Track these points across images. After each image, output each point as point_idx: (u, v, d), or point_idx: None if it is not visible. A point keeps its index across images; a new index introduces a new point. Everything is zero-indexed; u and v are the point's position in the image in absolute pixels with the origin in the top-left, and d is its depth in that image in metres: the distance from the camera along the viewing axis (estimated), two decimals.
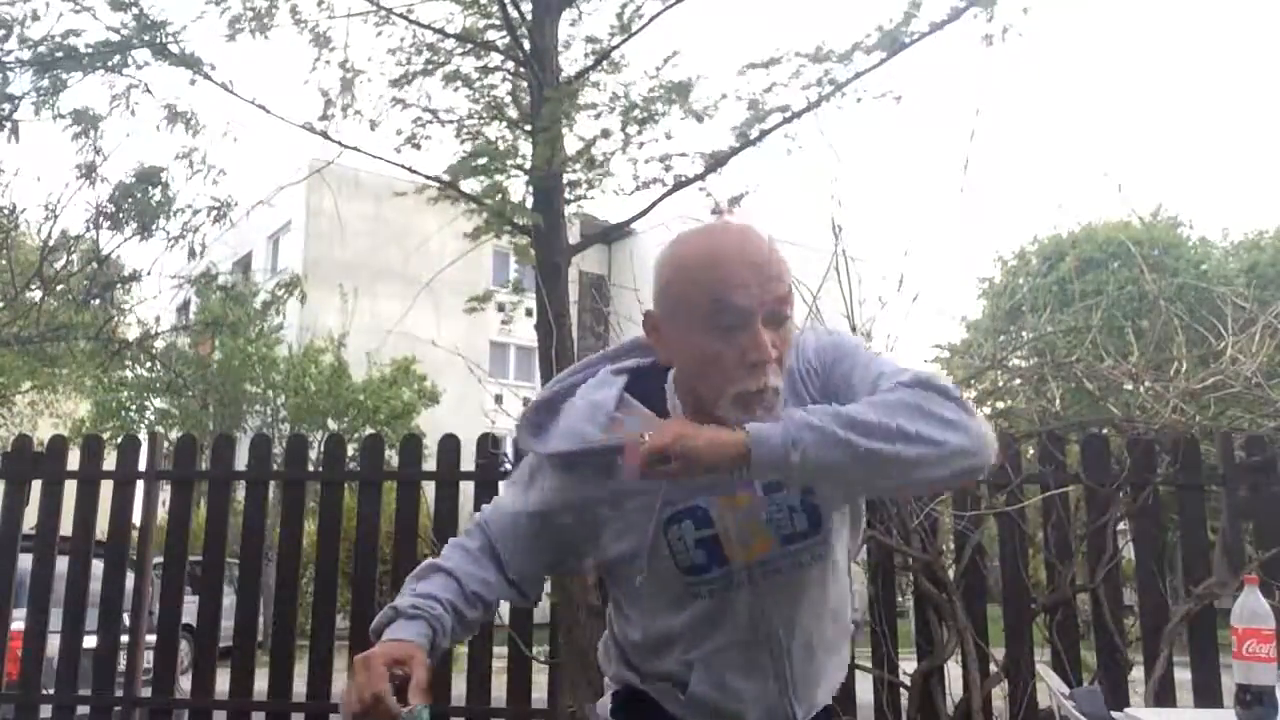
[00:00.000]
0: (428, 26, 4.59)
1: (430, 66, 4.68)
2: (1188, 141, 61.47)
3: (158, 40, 4.48)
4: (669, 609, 1.53)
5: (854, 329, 4.85)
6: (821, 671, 1.57)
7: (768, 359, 1.36)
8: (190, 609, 5.25)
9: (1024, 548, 4.51)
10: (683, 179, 4.38)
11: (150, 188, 6.75)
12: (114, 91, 4.83)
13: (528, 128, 4.51)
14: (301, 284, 9.88)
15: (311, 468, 5.48)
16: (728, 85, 4.37)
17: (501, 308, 4.62)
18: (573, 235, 4.65)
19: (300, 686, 4.93)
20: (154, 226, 6.98)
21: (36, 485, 5.35)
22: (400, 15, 4.57)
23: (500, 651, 4.81)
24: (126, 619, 5.14)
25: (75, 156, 6.29)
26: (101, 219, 6.95)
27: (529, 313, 4.42)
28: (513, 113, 4.69)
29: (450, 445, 5.07)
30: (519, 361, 27.63)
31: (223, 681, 5.00)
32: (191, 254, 7.31)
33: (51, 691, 5.04)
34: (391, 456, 5.57)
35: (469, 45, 4.62)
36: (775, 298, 1.37)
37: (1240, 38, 61.94)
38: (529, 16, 4.37)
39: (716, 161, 4.30)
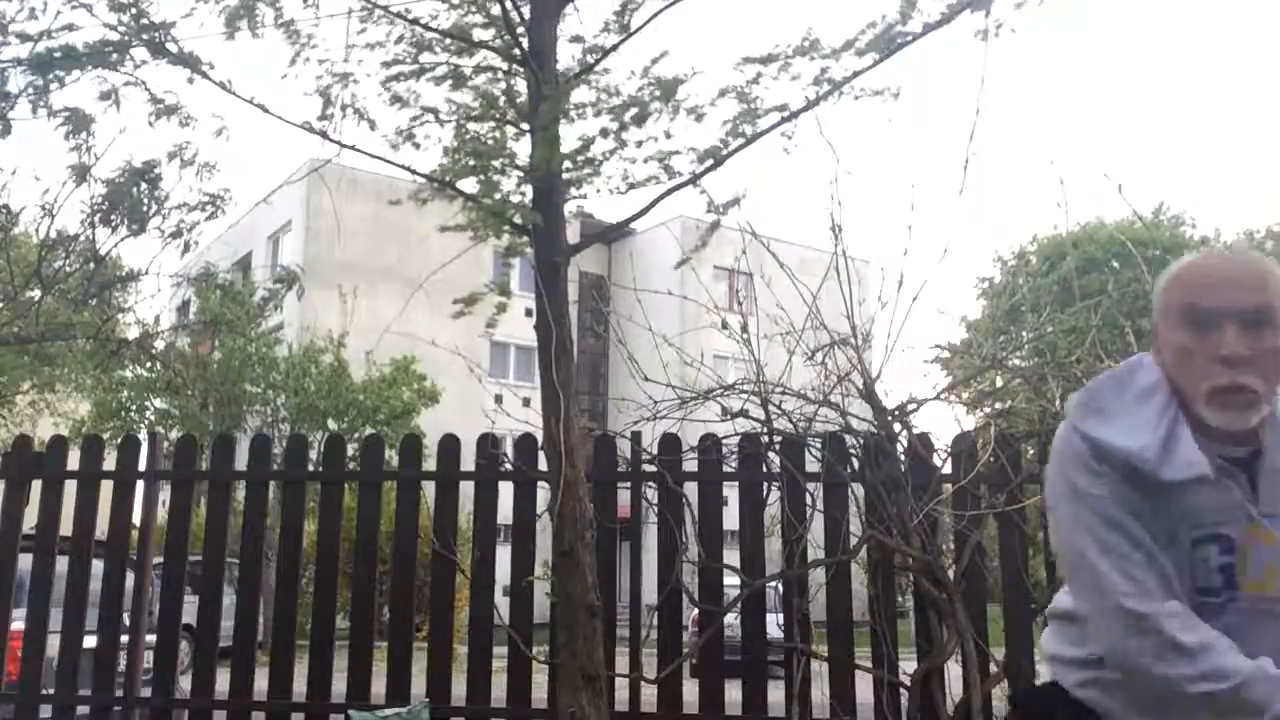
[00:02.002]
0: (415, 22, 4.57)
1: (424, 65, 4.66)
2: (1188, 140, 61.48)
3: (156, 39, 4.47)
4: None
5: (853, 329, 4.85)
6: None
7: (1235, 356, 1.51)
8: (190, 609, 5.25)
9: (1024, 548, 4.51)
10: (680, 178, 4.37)
11: (143, 183, 6.73)
12: (104, 88, 4.81)
13: (524, 126, 4.49)
14: (299, 279, 9.85)
15: (311, 468, 5.48)
16: (724, 82, 4.35)
17: (503, 308, 4.60)
18: (572, 235, 4.64)
19: (300, 686, 4.93)
20: (147, 223, 6.97)
21: (36, 485, 5.35)
22: (394, 13, 4.55)
23: (500, 651, 4.81)
24: (126, 619, 5.14)
25: (70, 154, 6.28)
26: (95, 217, 6.94)
27: (529, 313, 4.41)
28: (509, 111, 4.68)
29: (450, 445, 5.07)
30: (519, 361, 27.65)
31: (223, 681, 5.00)
32: (186, 249, 7.29)
33: (51, 691, 5.04)
34: (391, 456, 5.57)
35: (463, 44, 4.61)
36: (1246, 306, 1.53)
37: (1241, 35, 61.95)
38: (527, 16, 4.36)
39: (714, 160, 4.29)
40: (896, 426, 4.72)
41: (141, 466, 5.31)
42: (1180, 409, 1.58)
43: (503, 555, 4.91)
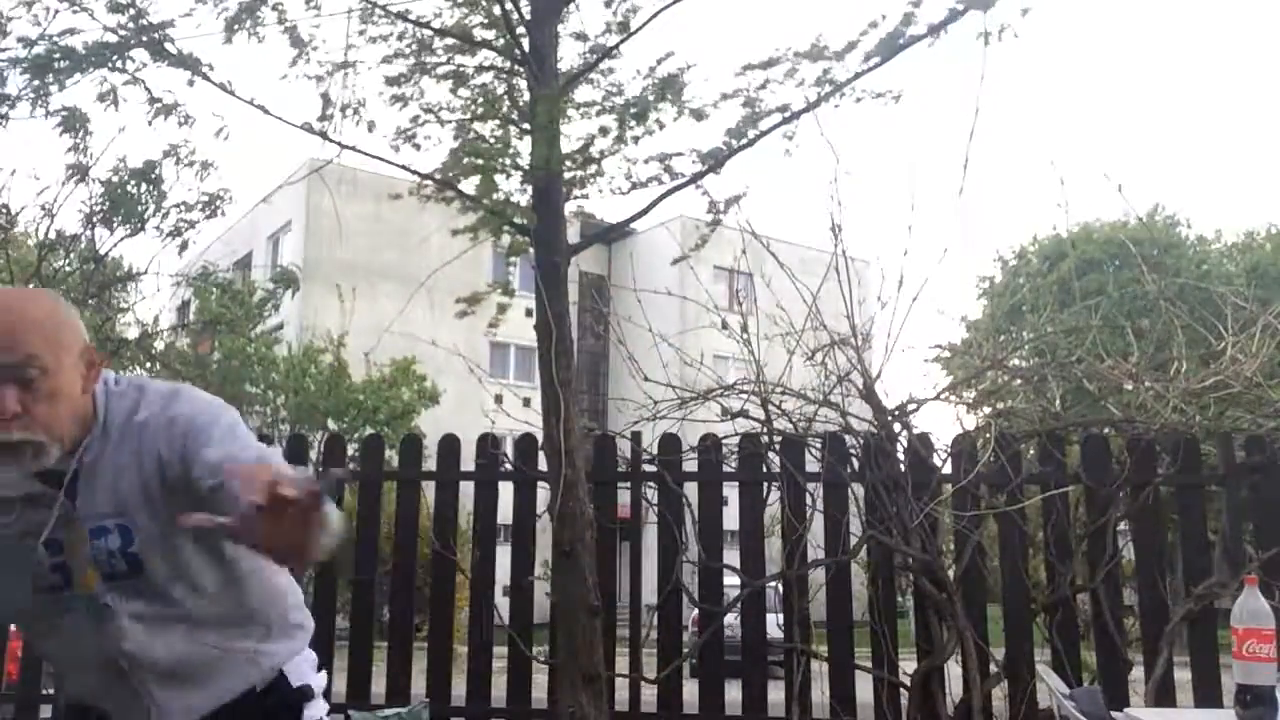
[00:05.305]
0: (416, 21, 4.58)
1: (425, 65, 4.67)
2: (1183, 140, 61.52)
3: (155, 40, 4.47)
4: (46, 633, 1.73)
5: (853, 329, 4.86)
6: (196, 684, 1.70)
7: (5, 413, 1.48)
8: None
9: (1024, 548, 4.51)
10: (681, 178, 4.38)
11: (143, 183, 6.74)
12: (102, 90, 4.80)
13: (525, 126, 4.50)
14: (297, 278, 9.86)
15: (312, 468, 5.48)
16: (726, 84, 4.35)
17: (505, 309, 4.60)
18: (572, 235, 4.64)
19: None
20: (146, 223, 6.98)
21: None
22: (394, 13, 4.55)
23: (500, 651, 4.81)
24: None
25: (69, 154, 6.28)
26: (95, 217, 6.95)
27: (529, 313, 4.41)
28: (508, 110, 4.68)
29: (450, 445, 5.06)
30: (519, 361, 27.62)
31: None
32: (185, 249, 7.31)
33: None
34: (392, 457, 5.57)
35: (464, 43, 4.61)
36: (7, 363, 1.49)
37: (1231, 37, 61.99)
38: (528, 15, 4.36)
39: (715, 161, 4.30)
40: (896, 426, 4.72)
41: None
42: None
43: (503, 555, 4.91)
